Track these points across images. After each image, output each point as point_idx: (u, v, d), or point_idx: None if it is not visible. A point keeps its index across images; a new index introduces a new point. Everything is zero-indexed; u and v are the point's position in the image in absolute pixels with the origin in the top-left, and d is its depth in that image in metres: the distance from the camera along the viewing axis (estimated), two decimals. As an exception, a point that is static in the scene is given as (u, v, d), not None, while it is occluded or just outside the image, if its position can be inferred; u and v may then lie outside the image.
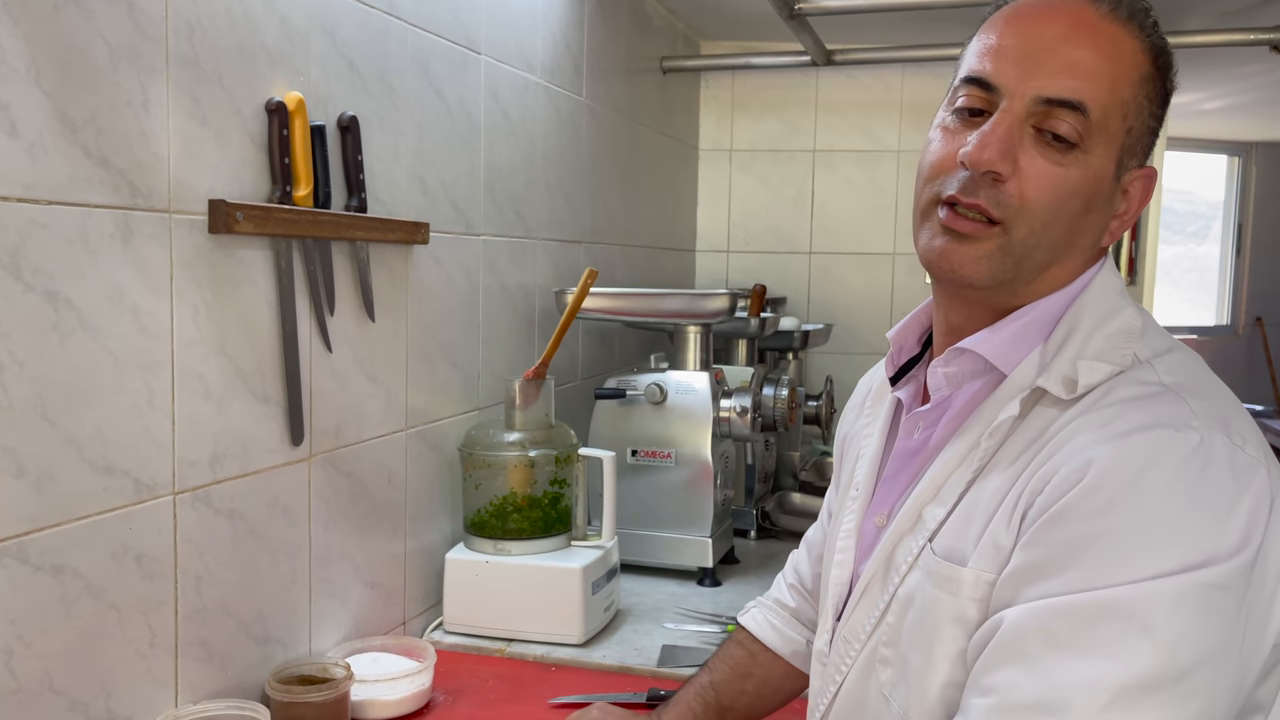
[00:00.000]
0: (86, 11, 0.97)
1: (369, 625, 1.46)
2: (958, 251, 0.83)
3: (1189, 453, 0.73)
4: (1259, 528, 0.72)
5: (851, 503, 0.99)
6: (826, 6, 2.19)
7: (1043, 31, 0.82)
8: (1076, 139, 0.81)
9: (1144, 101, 0.84)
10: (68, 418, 0.97)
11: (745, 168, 3.04)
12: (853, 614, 0.93)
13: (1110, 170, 0.83)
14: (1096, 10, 0.82)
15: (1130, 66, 0.82)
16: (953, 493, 0.85)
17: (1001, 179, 0.81)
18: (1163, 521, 0.71)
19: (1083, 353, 0.82)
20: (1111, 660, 0.69)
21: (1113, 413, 0.77)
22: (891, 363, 1.00)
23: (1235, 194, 5.91)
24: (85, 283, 0.98)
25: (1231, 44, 2.41)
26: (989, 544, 0.79)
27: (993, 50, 0.83)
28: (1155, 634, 0.69)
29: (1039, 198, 0.81)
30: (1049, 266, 0.85)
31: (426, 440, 1.58)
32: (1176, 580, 0.69)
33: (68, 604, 0.98)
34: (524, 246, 1.88)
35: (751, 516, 2.14)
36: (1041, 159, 0.81)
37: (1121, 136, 0.83)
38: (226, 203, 1.12)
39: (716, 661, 1.18)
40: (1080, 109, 0.80)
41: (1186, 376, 0.80)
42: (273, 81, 1.21)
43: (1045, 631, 0.72)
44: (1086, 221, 0.84)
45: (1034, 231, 0.82)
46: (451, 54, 1.59)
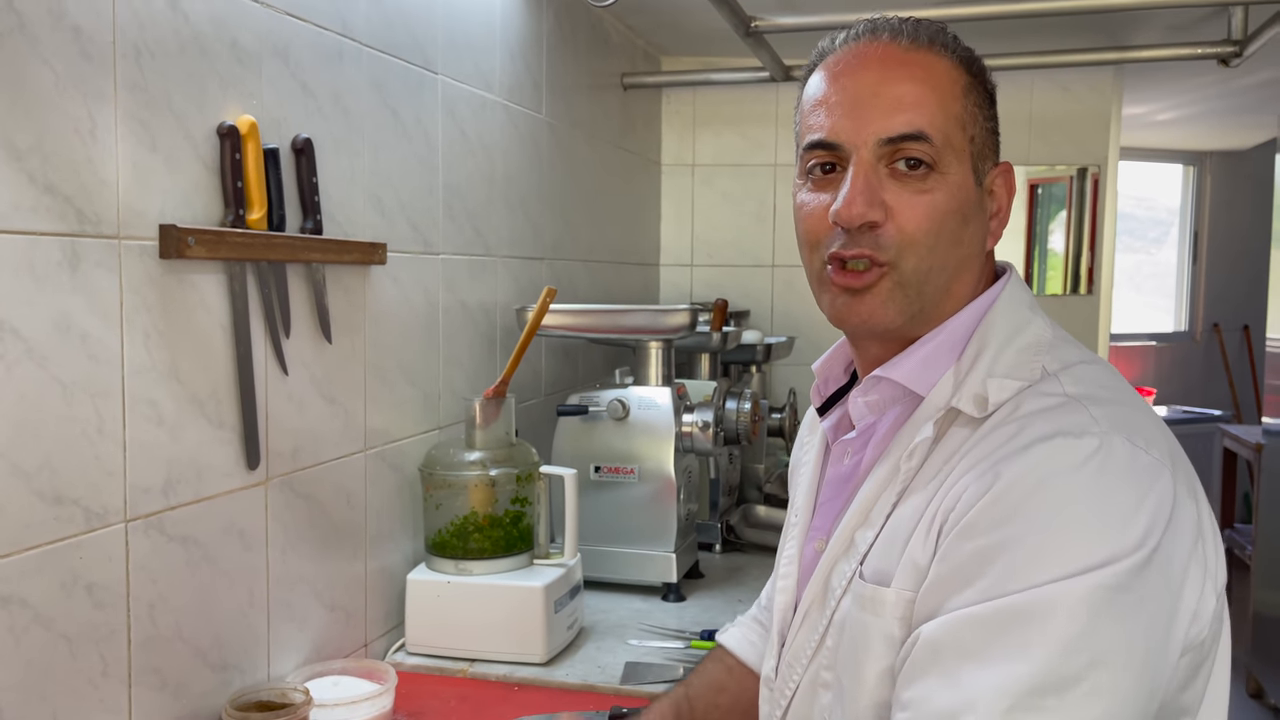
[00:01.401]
0: (31, 39, 0.96)
1: (329, 648, 1.45)
2: (861, 305, 0.87)
3: (1086, 457, 0.75)
4: (1159, 528, 0.74)
5: (792, 529, 1.02)
6: (782, 24, 2.21)
7: (862, 80, 0.87)
8: (930, 162, 0.85)
9: (974, 109, 0.89)
10: (14, 448, 0.96)
11: (707, 182, 3.06)
12: (795, 639, 0.95)
13: (970, 180, 0.88)
14: (900, 45, 0.88)
15: (949, 83, 0.87)
16: (880, 515, 0.87)
17: (877, 225, 0.85)
18: (1062, 526, 0.73)
19: (993, 370, 0.85)
20: (1015, 663, 0.71)
21: (1017, 426, 0.79)
22: (818, 394, 1.04)
23: (1190, 203, 6.01)
24: (32, 311, 0.97)
25: (1179, 58, 2.46)
26: (908, 563, 0.82)
27: (824, 111, 0.88)
28: (1056, 636, 0.70)
29: (916, 228, 0.85)
30: (950, 287, 0.89)
31: (386, 460, 1.58)
32: (1077, 582, 0.71)
33: (17, 635, 0.97)
34: (484, 264, 1.88)
35: (716, 530, 2.15)
36: (906, 192, 0.85)
37: (968, 146, 0.87)
38: (178, 228, 1.12)
39: (694, 675, 1.19)
40: (922, 137, 0.84)
41: (1092, 386, 0.83)
42: (224, 105, 1.21)
43: (956, 641, 0.74)
44: (967, 233, 0.88)
45: (922, 259, 0.86)
46: (408, 74, 1.60)
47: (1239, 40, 2.33)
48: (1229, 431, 4.32)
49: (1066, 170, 3.06)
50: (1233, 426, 4.46)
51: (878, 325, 0.88)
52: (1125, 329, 5.71)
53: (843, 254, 0.86)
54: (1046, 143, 2.99)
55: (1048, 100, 2.95)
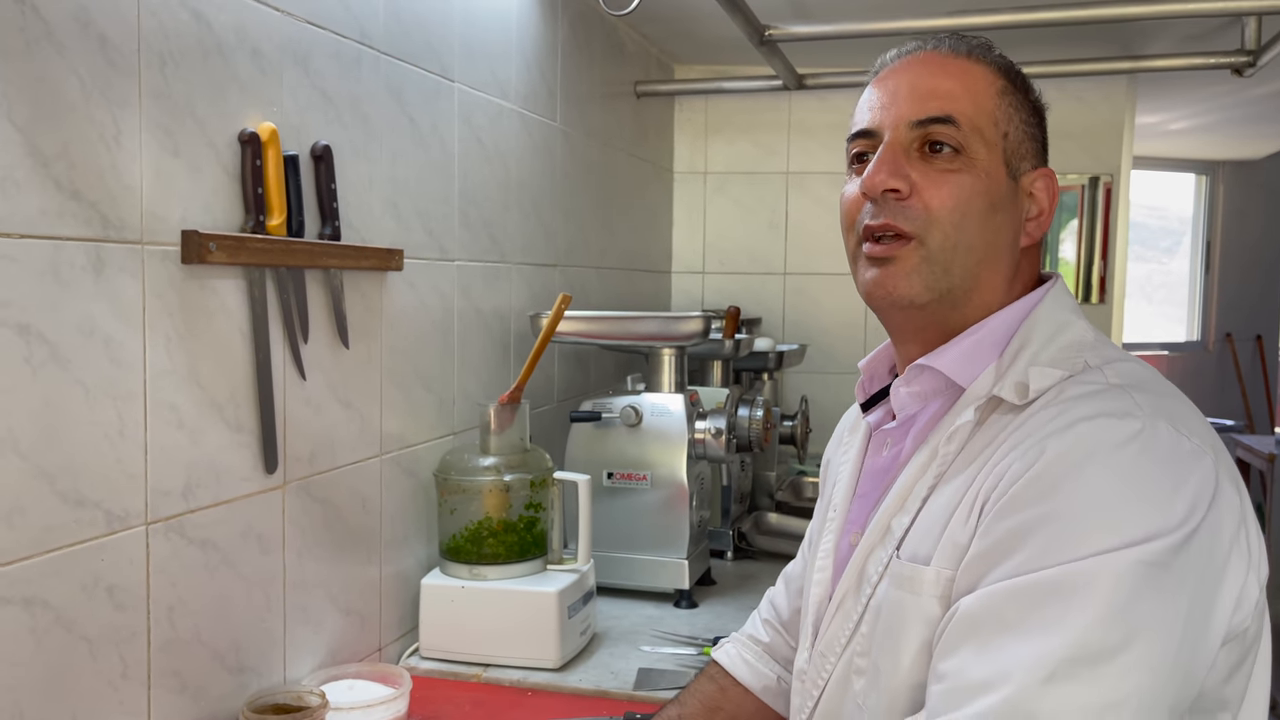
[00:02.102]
0: (58, 47, 0.97)
1: (344, 652, 1.46)
2: (888, 276, 0.90)
3: (1130, 437, 0.76)
4: (1200, 510, 0.74)
5: (830, 524, 1.02)
6: (796, 33, 2.22)
7: (902, 79, 0.94)
8: (956, 145, 0.89)
9: (1010, 110, 0.92)
10: (39, 450, 0.97)
11: (720, 190, 3.07)
12: (828, 629, 0.95)
13: (1000, 171, 0.90)
14: (943, 54, 0.94)
15: (984, 83, 0.91)
16: (917, 500, 0.88)
17: (902, 196, 0.89)
18: (1104, 502, 0.74)
19: (1036, 361, 0.86)
20: (1053, 635, 0.72)
21: (1060, 409, 0.81)
22: (862, 390, 1.04)
23: (1203, 212, 6.00)
24: (57, 315, 0.98)
25: (1193, 68, 2.46)
26: (948, 543, 0.83)
27: (867, 107, 0.95)
28: (1095, 609, 0.71)
29: (942, 203, 0.88)
30: (979, 273, 0.90)
31: (401, 466, 1.59)
32: (1116, 557, 0.72)
33: (39, 636, 0.98)
34: (499, 271, 1.89)
35: (728, 537, 2.15)
36: (933, 172, 0.89)
37: (1000, 141, 0.90)
38: (199, 233, 1.13)
39: (687, 695, 1.19)
40: (949, 120, 0.89)
41: (1134, 379, 0.84)
42: (246, 112, 1.22)
43: (994, 614, 0.75)
44: (996, 221, 0.90)
45: (948, 235, 0.89)
46: (425, 82, 1.61)
47: (1252, 50, 2.33)
48: (1242, 442, 4.30)
49: (1078, 179, 3.05)
50: (1245, 437, 4.44)
51: (902, 296, 0.90)
52: (1137, 339, 5.69)
53: (871, 224, 0.90)
54: (1059, 151, 2.96)
55: (1061, 109, 2.93)
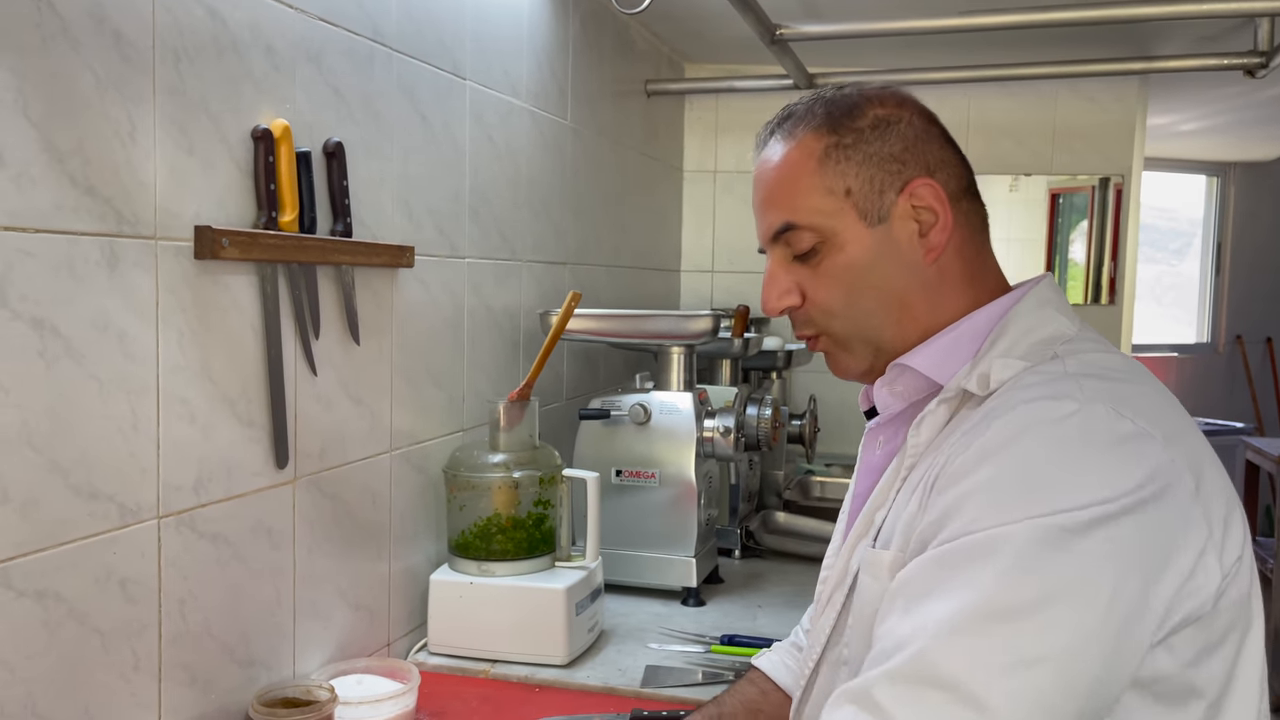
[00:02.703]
0: (73, 42, 0.98)
1: (353, 647, 1.47)
2: (831, 363, 0.99)
3: (1064, 416, 0.78)
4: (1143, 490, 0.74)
5: (839, 526, 1.06)
6: (807, 32, 2.22)
7: (752, 194, 1.00)
8: (811, 243, 0.93)
9: (841, 165, 0.92)
10: (53, 443, 0.98)
11: (729, 189, 3.06)
12: (819, 620, 0.98)
13: (859, 229, 0.92)
14: (762, 153, 0.98)
15: (800, 164, 0.93)
16: (893, 493, 0.91)
17: (798, 306, 0.96)
18: (1028, 473, 0.76)
19: (1008, 355, 0.88)
20: (965, 592, 0.73)
21: (1009, 397, 0.83)
22: (865, 398, 1.06)
23: (1214, 213, 5.97)
24: (71, 310, 0.99)
25: (1206, 69, 2.45)
26: (903, 525, 0.86)
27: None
28: (1007, 566, 0.72)
29: (826, 300, 0.94)
30: (897, 318, 0.94)
31: (411, 462, 1.59)
32: (1038, 521, 0.73)
33: (51, 629, 0.99)
34: (509, 268, 1.90)
35: (736, 536, 2.15)
36: (808, 272, 0.94)
37: (844, 201, 0.92)
38: (212, 229, 1.14)
39: (727, 696, 1.19)
40: (790, 227, 0.93)
41: (1097, 369, 0.84)
42: (259, 109, 1.23)
43: (919, 578, 0.77)
44: (881, 274, 0.93)
45: (845, 320, 0.94)
46: (437, 79, 1.61)
47: (1265, 51, 2.32)
48: (1251, 444, 4.29)
49: (1088, 180, 3.04)
50: (1255, 439, 4.42)
51: (851, 376, 0.98)
52: (1146, 341, 5.68)
53: (797, 334, 1.00)
54: (1070, 152, 2.98)
55: (1072, 110, 2.94)
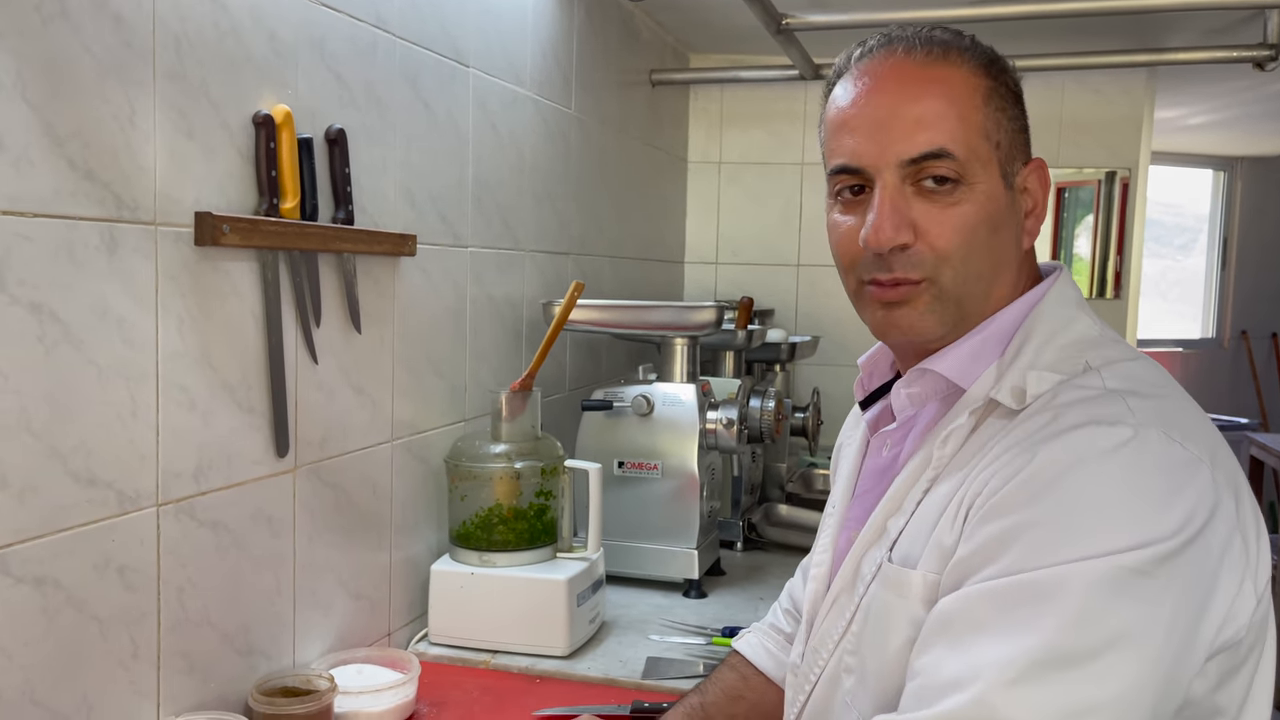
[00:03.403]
0: (74, 26, 0.97)
1: (353, 637, 1.46)
2: (901, 316, 0.89)
3: (1118, 445, 0.75)
4: (1194, 522, 0.73)
5: (829, 519, 1.02)
6: (813, 22, 2.21)
7: (880, 101, 0.87)
8: (955, 178, 0.86)
9: (996, 114, 0.88)
10: (51, 430, 0.97)
11: (733, 180, 3.05)
12: (822, 624, 0.96)
13: (999, 187, 0.88)
14: (914, 60, 0.88)
15: (968, 94, 0.87)
16: (912, 502, 0.88)
17: (908, 245, 0.86)
18: (1089, 509, 0.73)
19: (1035, 364, 0.85)
20: (1024, 636, 0.71)
21: (1051, 415, 0.80)
22: (861, 388, 1.04)
23: (1221, 208, 5.95)
24: (70, 295, 0.98)
25: (1215, 61, 2.43)
26: (935, 546, 0.83)
27: (845, 134, 0.89)
28: (1068, 612, 0.71)
29: (948, 244, 0.86)
30: (989, 291, 0.89)
31: (412, 451, 1.58)
32: (1097, 563, 0.71)
33: (50, 615, 0.98)
34: (511, 258, 1.89)
35: (738, 528, 2.15)
36: (934, 209, 0.86)
37: (994, 154, 0.87)
38: (213, 215, 1.13)
39: (708, 684, 1.19)
40: (945, 154, 0.85)
41: (1135, 383, 0.83)
42: (260, 94, 1.22)
43: (969, 613, 0.75)
44: (1000, 239, 0.89)
45: (958, 273, 0.87)
46: (440, 67, 1.60)
47: (1274, 44, 2.30)
48: (1256, 439, 4.27)
49: (1094, 174, 3.03)
50: (1260, 435, 4.41)
51: (919, 336, 0.90)
52: (1151, 335, 5.66)
53: (879, 278, 0.88)
54: (1076, 146, 2.96)
55: (1078, 103, 2.93)
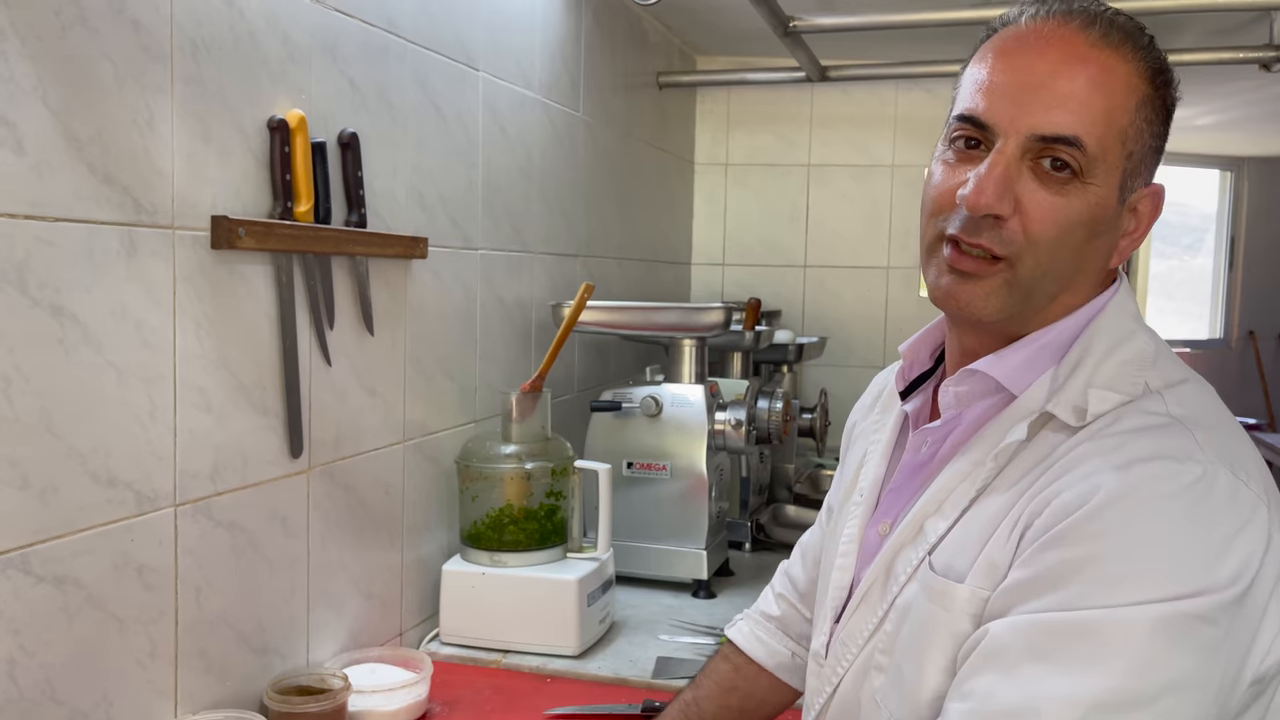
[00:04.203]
0: (93, 31, 0.98)
1: (366, 636, 1.47)
2: (965, 290, 0.84)
3: (1189, 484, 0.73)
4: (1252, 567, 0.72)
5: (855, 508, 1.00)
6: (821, 24, 2.21)
7: (1034, 65, 0.81)
8: (1075, 171, 0.80)
9: (1143, 125, 0.83)
10: (72, 431, 0.98)
11: (741, 182, 3.06)
12: (851, 618, 0.94)
13: (1113, 197, 0.83)
14: (1087, 38, 0.81)
15: (1125, 93, 0.81)
16: (955, 508, 0.86)
17: (1003, 219, 0.81)
18: (1155, 550, 0.72)
19: (1093, 380, 0.82)
20: (1087, 677, 0.70)
21: (1118, 441, 0.77)
22: (902, 377, 1.01)
23: (1228, 208, 5.94)
24: (90, 298, 1.00)
25: (1221, 62, 2.44)
26: (985, 562, 0.80)
27: (985, 86, 0.83)
28: (1132, 656, 0.70)
29: (1043, 232, 0.81)
30: (1059, 295, 0.86)
31: (424, 452, 1.60)
32: (1161, 607, 0.70)
33: (70, 614, 0.99)
34: (521, 260, 1.90)
35: (746, 529, 2.16)
36: (1042, 192, 0.81)
37: (1122, 162, 0.82)
38: (229, 219, 1.14)
39: (702, 677, 1.18)
40: (1076, 143, 0.80)
41: (1196, 409, 0.80)
42: (275, 99, 1.23)
43: (1028, 644, 0.74)
44: (1092, 248, 0.84)
45: (1040, 264, 0.82)
46: (450, 71, 1.61)
47: (1281, 45, 2.31)
48: (1263, 440, 4.27)
49: (1102, 174, 3.03)
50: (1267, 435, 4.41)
51: (974, 314, 0.85)
52: (1158, 335, 5.64)
53: (962, 237, 0.83)
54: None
55: (1085, 103, 2.92)
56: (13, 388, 0.93)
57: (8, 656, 0.94)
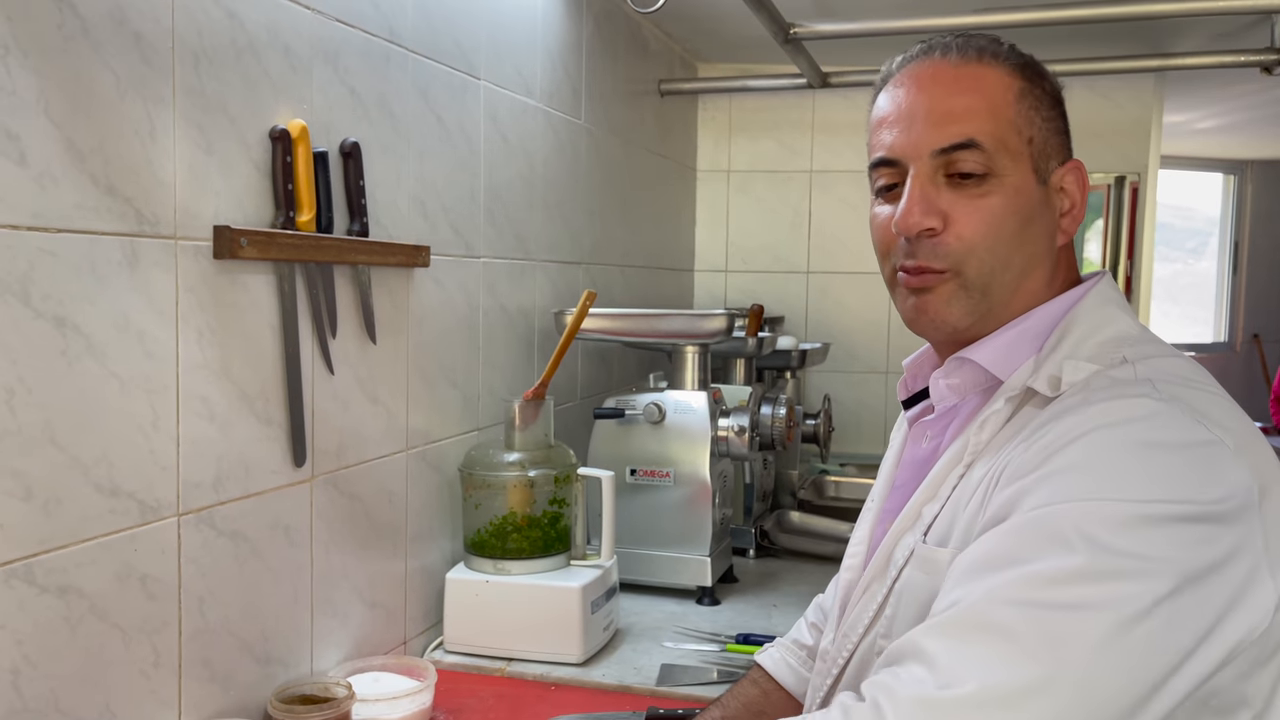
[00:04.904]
0: (95, 44, 0.99)
1: (370, 645, 1.47)
2: (927, 302, 0.91)
3: (1139, 415, 0.76)
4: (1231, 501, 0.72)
5: (866, 514, 1.04)
6: (821, 31, 2.22)
7: (916, 98, 0.91)
8: (983, 170, 0.88)
9: (1030, 112, 0.90)
10: (75, 441, 0.99)
11: (743, 189, 3.06)
12: (853, 610, 0.96)
13: (1030, 181, 0.90)
14: (950, 61, 0.91)
15: (1001, 91, 0.89)
16: (947, 489, 0.90)
17: (935, 232, 0.89)
18: (1104, 463, 0.74)
19: (1074, 355, 0.86)
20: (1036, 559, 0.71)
21: (1081, 398, 0.81)
22: (904, 388, 1.06)
23: (1231, 212, 5.94)
24: (93, 309, 1.00)
25: (1222, 66, 2.44)
26: (965, 524, 0.84)
27: (884, 129, 0.92)
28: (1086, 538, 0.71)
29: (974, 233, 0.88)
30: (1018, 285, 0.91)
31: (427, 461, 1.60)
32: (1106, 504, 0.72)
33: (73, 625, 1.00)
34: (523, 268, 1.90)
35: (750, 535, 2.15)
36: (963, 200, 0.88)
37: (1025, 149, 0.89)
38: (231, 229, 1.14)
39: (729, 697, 1.18)
40: (973, 144, 0.87)
41: (1169, 375, 0.83)
42: (276, 109, 1.23)
43: (982, 549, 0.76)
44: (1030, 234, 0.90)
45: (984, 263, 0.89)
46: (451, 79, 1.62)
47: (1283, 48, 2.31)
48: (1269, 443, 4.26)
49: (1104, 178, 3.03)
50: (1273, 439, 4.39)
51: (945, 325, 0.92)
52: (1162, 339, 5.64)
53: (906, 264, 0.91)
54: (1085, 151, 2.90)
55: (1087, 108, 2.93)
56: (16, 399, 0.93)
57: (12, 667, 0.94)
